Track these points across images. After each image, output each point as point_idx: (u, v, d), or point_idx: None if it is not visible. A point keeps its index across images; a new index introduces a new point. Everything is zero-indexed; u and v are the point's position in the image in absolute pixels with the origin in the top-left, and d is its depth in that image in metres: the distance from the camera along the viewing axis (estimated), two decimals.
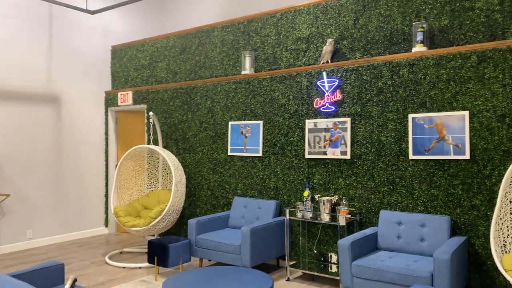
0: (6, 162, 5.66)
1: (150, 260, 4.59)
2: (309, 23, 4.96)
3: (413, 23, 4.24)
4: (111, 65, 7.06)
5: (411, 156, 4.16)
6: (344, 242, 3.77)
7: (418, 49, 4.16)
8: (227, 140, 5.51)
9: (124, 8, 7.26)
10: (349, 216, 4.35)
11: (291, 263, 4.85)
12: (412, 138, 4.15)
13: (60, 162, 6.30)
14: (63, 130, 6.34)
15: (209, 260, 5.17)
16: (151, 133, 6.02)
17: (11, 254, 5.58)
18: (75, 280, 2.97)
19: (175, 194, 5.07)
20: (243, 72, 5.39)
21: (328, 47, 4.69)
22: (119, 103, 6.73)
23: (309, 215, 4.54)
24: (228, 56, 5.65)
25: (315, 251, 4.73)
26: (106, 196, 6.96)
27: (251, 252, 4.33)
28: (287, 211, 4.58)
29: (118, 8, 7.10)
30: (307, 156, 4.80)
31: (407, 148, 4.20)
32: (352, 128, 4.54)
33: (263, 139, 5.20)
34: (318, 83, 4.76)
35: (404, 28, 4.35)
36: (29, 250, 5.77)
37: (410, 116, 4.18)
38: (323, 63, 4.76)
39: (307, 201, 4.59)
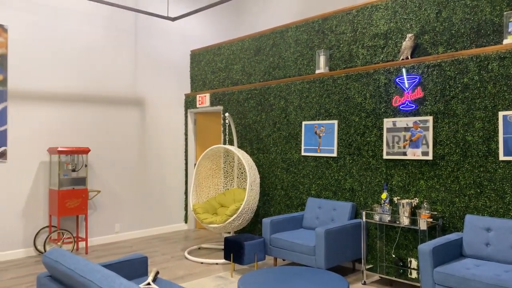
0: (97, 161, 6.16)
1: (226, 257, 4.72)
2: (387, 18, 4.77)
3: (504, 13, 3.89)
4: (190, 69, 7.38)
5: (501, 157, 3.83)
6: (426, 247, 3.58)
7: (510, 41, 3.81)
8: (301, 140, 5.50)
9: (202, 14, 7.55)
10: (431, 220, 4.11)
11: (368, 266, 4.70)
12: (503, 137, 3.82)
13: (145, 161, 6.72)
14: (147, 131, 6.76)
15: (283, 260, 5.19)
16: (227, 133, 6.19)
17: (101, 245, 6.06)
18: (157, 273, 3.15)
19: (249, 193, 5.16)
20: (317, 71, 5.34)
21: (407, 43, 4.48)
22: (198, 105, 7.01)
23: (387, 218, 4.36)
24: (302, 56, 5.63)
25: (394, 256, 4.54)
26: (186, 193, 7.29)
27: (326, 254, 4.28)
28: (364, 213, 4.45)
29: (196, 14, 7.40)
30: (385, 156, 4.63)
31: (497, 148, 3.87)
32: (434, 127, 4.29)
33: (338, 139, 5.11)
34: (397, 80, 4.57)
35: (493, 19, 4.01)
36: (116, 243, 6.22)
37: (501, 113, 3.84)
38: (403, 59, 4.55)
39: (385, 204, 4.42)
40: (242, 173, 6.02)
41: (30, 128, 5.51)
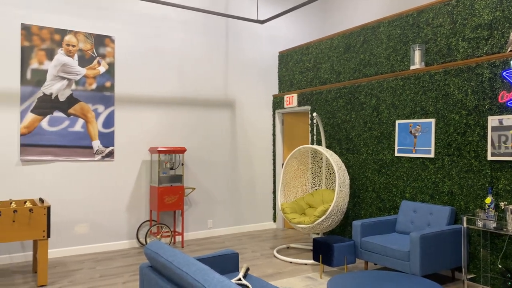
0: (192, 159, 6.51)
1: (315, 258, 4.68)
2: (492, 7, 4.36)
3: None
4: (278, 69, 7.46)
5: None
6: None
7: None
8: (394, 140, 5.25)
9: (289, 15, 7.59)
10: None
11: (470, 276, 4.33)
12: None
13: (235, 161, 6.94)
14: (237, 131, 6.97)
15: (375, 264, 5.00)
16: (315, 133, 6.14)
17: (196, 240, 6.39)
18: (247, 269, 3.23)
19: (338, 195, 5.06)
20: (412, 67, 5.06)
21: None
22: (285, 106, 7.06)
23: (492, 224, 3.98)
24: (395, 52, 5.38)
25: (500, 266, 4.13)
26: (274, 193, 7.38)
27: (421, 260, 4.03)
28: (465, 218, 4.11)
29: (284, 15, 7.45)
30: (490, 157, 4.23)
31: None
32: None
33: (435, 138, 4.79)
34: (504, 74, 4.15)
35: None
36: (209, 238, 6.51)
37: None
38: (511, 50, 4.12)
39: (490, 209, 4.04)
40: (330, 173, 5.93)
41: (133, 130, 6.00)
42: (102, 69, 5.75)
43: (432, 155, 4.79)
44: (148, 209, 6.12)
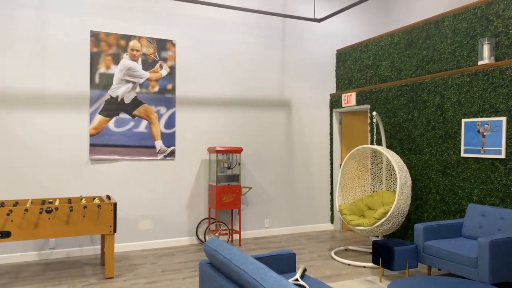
0: (249, 159, 6.59)
1: (375, 261, 4.55)
2: None
3: None
4: (335, 68, 7.34)
5: None
6: None
7: None
8: (460, 139, 4.97)
9: (347, 12, 7.44)
10: None
11: None
12: None
13: (291, 161, 6.93)
14: (293, 131, 6.95)
15: (439, 270, 4.77)
16: (375, 133, 5.97)
17: (252, 239, 6.46)
18: (305, 270, 3.20)
19: (399, 197, 4.88)
20: (480, 63, 4.76)
21: None
22: (343, 105, 6.93)
23: None
24: (461, 47, 5.09)
25: None
26: (332, 193, 7.27)
27: (491, 267, 3.78)
28: None
29: (342, 13, 7.32)
30: None
31: None
32: None
33: (506, 138, 4.47)
34: None
35: None
36: (266, 237, 6.55)
37: None
38: None
39: None
40: (391, 175, 5.73)
41: (193, 130, 6.19)
42: (164, 72, 5.99)
43: (503, 156, 4.48)
44: (207, 207, 6.27)
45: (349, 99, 6.80)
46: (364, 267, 5.01)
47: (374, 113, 5.55)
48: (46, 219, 4.25)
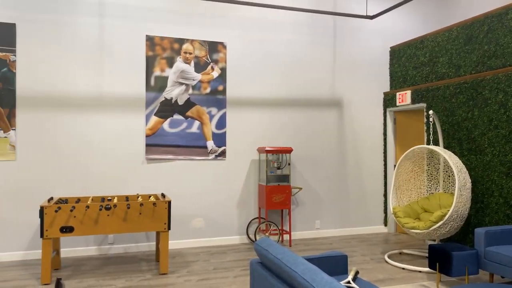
0: (299, 159, 6.55)
1: (431, 266, 4.37)
2: None
3: None
4: (389, 66, 7.13)
5: None
6: None
7: None
8: None
9: (401, 8, 7.20)
10: None
11: None
12: None
13: (343, 161, 6.81)
14: (345, 131, 6.83)
15: (502, 277, 4.49)
16: (431, 132, 5.72)
17: (303, 240, 6.41)
18: (357, 272, 3.14)
19: (458, 199, 4.65)
20: None
21: None
22: (397, 103, 6.71)
23: None
24: None
25: None
26: (385, 195, 7.06)
27: None
28: None
29: (396, 9, 7.09)
30: None
31: None
32: None
33: None
34: None
35: None
36: (316, 239, 6.48)
37: None
38: None
39: None
40: (449, 176, 5.47)
41: (243, 130, 6.25)
42: (215, 74, 6.10)
43: None
44: (257, 206, 6.31)
45: (404, 97, 6.57)
46: (420, 271, 4.82)
47: (431, 112, 5.32)
48: (106, 216, 4.47)
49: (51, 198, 4.75)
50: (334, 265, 3.35)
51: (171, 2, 5.90)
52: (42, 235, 4.28)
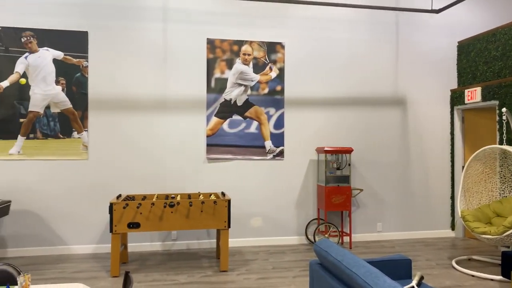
0: (359, 160, 6.40)
1: (505, 274, 4.07)
2: None
3: None
4: (457, 61, 6.75)
5: None
6: None
7: None
8: None
9: (469, 0, 6.79)
10: None
11: None
12: None
13: (406, 161, 6.55)
14: (408, 130, 6.57)
15: None
16: (504, 132, 5.34)
17: (363, 242, 6.25)
18: (422, 278, 3.01)
19: None
20: None
21: None
22: (466, 101, 6.34)
23: None
24: None
25: None
26: (452, 198, 6.70)
27: None
28: None
29: (464, 1, 6.70)
30: None
31: None
32: None
33: None
34: None
35: None
36: (378, 242, 6.29)
37: None
38: None
39: None
40: None
41: (301, 130, 6.22)
42: (273, 74, 6.13)
43: None
44: (316, 207, 6.25)
45: (473, 94, 6.19)
46: (492, 280, 4.51)
47: (504, 109, 4.96)
48: (169, 213, 4.65)
49: (120, 195, 5.03)
50: (397, 269, 3.24)
51: (230, 5, 6.01)
52: (111, 230, 4.54)
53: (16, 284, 2.47)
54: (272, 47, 6.12)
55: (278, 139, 6.14)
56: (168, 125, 5.85)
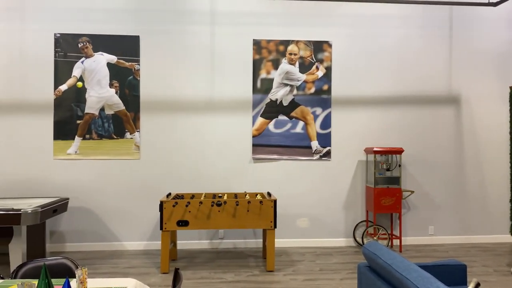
0: (410, 161, 6.18)
1: None
2: None
3: None
4: None
5: None
6: None
7: None
8: None
9: None
10: None
11: None
12: None
13: (460, 162, 6.25)
14: (463, 129, 6.26)
15: None
16: None
17: (414, 246, 6.04)
18: (478, 284, 2.86)
19: None
20: None
21: None
22: None
23: None
24: None
25: None
26: None
27: None
28: None
29: None
30: None
31: None
32: None
33: None
34: None
35: None
36: (430, 245, 6.05)
37: None
38: None
39: None
40: None
41: (349, 130, 6.11)
42: (320, 73, 6.06)
43: None
44: (364, 209, 6.11)
45: None
46: None
47: None
48: (217, 212, 4.73)
49: (169, 194, 5.17)
50: (451, 274, 3.10)
51: (276, 6, 6.01)
52: (161, 228, 4.68)
53: (74, 277, 2.61)
54: (318, 46, 6.06)
55: (325, 139, 6.07)
56: (214, 125, 5.95)
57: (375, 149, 5.68)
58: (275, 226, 4.75)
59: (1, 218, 4.38)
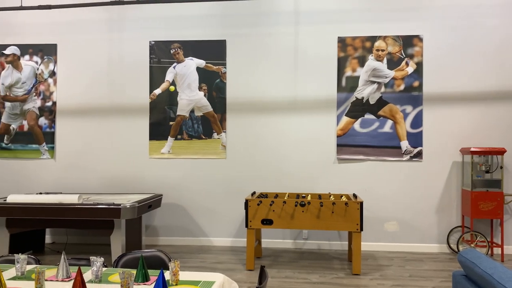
0: None
1: None
2: None
3: None
4: None
5: None
6: None
7: None
8: None
9: None
10: None
11: None
12: None
13: None
14: None
15: None
16: None
17: None
18: None
19: None
20: None
21: None
22: None
23: None
24: None
25: None
26: None
27: None
28: None
29: None
30: None
31: None
32: None
33: None
34: None
35: None
36: None
37: None
38: None
39: None
40: None
41: (443, 129, 5.71)
42: (410, 69, 5.75)
43: None
44: (460, 214, 5.67)
45: None
46: None
47: None
48: (300, 212, 4.72)
49: (254, 193, 5.28)
50: None
51: (361, 1, 5.83)
52: (246, 225, 4.79)
53: (167, 269, 2.77)
54: (408, 41, 5.76)
55: (416, 139, 5.75)
56: (298, 125, 5.94)
57: (472, 149, 5.25)
58: (361, 229, 4.61)
59: (104, 212, 4.81)
